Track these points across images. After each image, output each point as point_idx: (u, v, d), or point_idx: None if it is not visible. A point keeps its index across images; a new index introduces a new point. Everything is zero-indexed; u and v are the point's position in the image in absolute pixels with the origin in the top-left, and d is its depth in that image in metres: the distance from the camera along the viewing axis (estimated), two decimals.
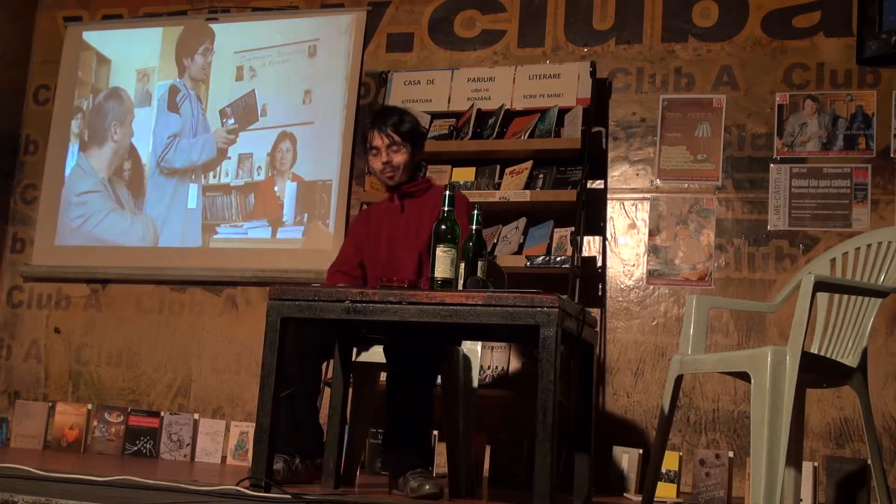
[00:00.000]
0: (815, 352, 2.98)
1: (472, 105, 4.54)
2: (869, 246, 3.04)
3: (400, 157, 3.52)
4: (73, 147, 5.27)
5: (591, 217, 4.34)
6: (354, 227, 3.75)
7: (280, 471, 3.04)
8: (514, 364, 4.20)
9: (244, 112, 5.06)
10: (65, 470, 2.85)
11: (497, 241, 4.35)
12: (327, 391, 3.34)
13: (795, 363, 2.62)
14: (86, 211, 5.19)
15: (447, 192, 2.93)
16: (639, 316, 4.30)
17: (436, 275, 2.80)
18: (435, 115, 4.60)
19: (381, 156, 3.52)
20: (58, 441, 4.65)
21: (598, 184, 4.43)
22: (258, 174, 4.98)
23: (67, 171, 5.23)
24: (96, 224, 5.16)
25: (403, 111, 3.65)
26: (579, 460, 3.05)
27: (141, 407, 4.79)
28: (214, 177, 5.05)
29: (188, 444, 4.51)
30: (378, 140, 3.52)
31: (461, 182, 4.41)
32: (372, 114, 3.81)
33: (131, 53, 5.30)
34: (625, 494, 3.88)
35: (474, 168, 4.49)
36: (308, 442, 3.29)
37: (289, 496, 2.54)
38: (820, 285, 2.75)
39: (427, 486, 2.96)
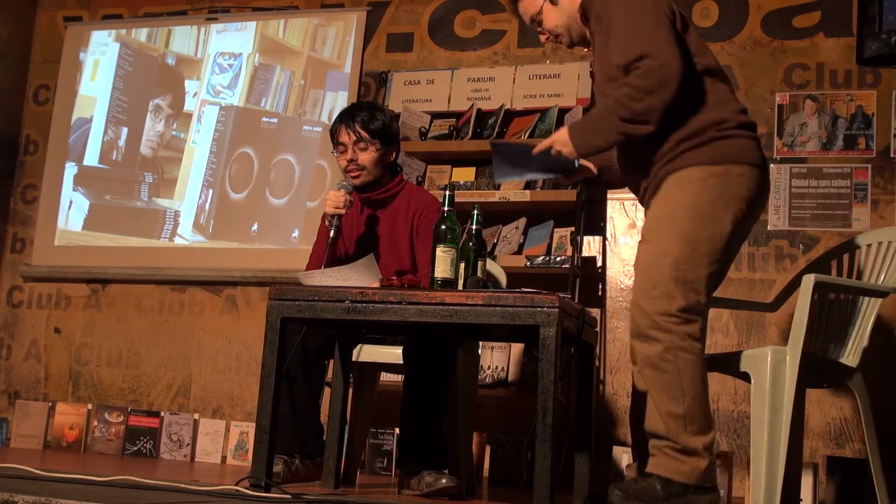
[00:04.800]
0: (815, 352, 2.98)
1: (472, 105, 4.54)
2: (869, 246, 3.04)
3: (367, 156, 3.32)
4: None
5: (591, 217, 4.33)
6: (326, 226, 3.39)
7: (280, 473, 3.03)
8: (514, 364, 4.20)
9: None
10: (65, 470, 2.85)
11: (497, 241, 4.35)
12: (327, 391, 3.33)
13: (795, 363, 2.62)
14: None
15: (447, 192, 2.92)
16: None
17: (436, 275, 2.80)
18: (435, 115, 4.60)
19: (346, 153, 3.32)
20: (58, 441, 4.65)
21: None
22: None
23: (67, 171, 5.22)
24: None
25: (376, 107, 3.44)
26: (579, 460, 3.05)
27: (141, 407, 4.79)
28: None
29: (188, 444, 4.51)
30: (345, 136, 3.32)
31: (461, 182, 4.41)
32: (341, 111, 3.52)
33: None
34: None
35: (474, 168, 4.48)
36: (308, 441, 3.27)
37: (289, 496, 2.54)
38: (820, 285, 2.75)
39: (443, 481, 2.99)
